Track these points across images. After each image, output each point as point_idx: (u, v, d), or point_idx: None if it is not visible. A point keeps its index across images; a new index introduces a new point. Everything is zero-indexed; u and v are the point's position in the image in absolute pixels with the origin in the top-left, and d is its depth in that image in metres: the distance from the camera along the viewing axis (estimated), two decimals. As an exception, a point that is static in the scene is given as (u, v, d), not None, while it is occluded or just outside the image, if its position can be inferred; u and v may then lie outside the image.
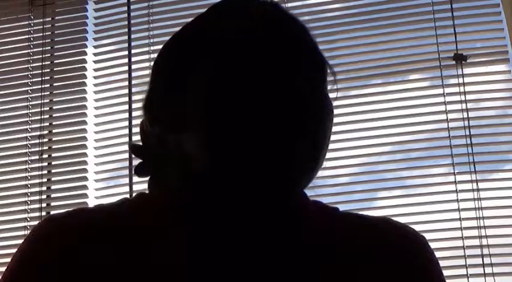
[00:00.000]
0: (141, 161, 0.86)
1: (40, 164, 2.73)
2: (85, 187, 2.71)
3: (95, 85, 2.81)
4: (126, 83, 2.77)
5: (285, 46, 0.76)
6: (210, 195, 0.76)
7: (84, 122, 2.77)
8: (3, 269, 2.70)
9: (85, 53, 2.83)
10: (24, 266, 0.75)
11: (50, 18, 2.90)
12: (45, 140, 2.77)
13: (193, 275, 0.74)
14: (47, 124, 2.80)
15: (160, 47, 0.85)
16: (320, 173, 0.79)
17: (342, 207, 0.87)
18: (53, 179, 2.75)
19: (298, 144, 0.73)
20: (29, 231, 2.67)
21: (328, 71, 0.81)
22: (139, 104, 0.85)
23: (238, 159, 0.73)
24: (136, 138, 2.66)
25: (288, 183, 0.74)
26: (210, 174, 0.75)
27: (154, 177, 0.85)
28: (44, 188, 2.72)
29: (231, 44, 0.76)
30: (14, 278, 0.75)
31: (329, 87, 0.81)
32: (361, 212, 0.87)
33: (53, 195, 2.74)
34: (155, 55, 0.85)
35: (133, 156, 0.85)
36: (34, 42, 2.86)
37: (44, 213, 2.68)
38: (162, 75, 0.82)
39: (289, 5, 2.71)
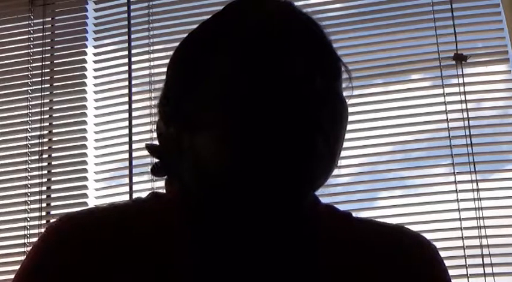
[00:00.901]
0: (157, 161, 0.85)
1: (40, 164, 2.73)
2: (85, 187, 2.71)
3: (95, 85, 2.81)
4: (126, 83, 2.77)
5: (301, 44, 0.76)
6: (226, 196, 0.76)
7: (84, 122, 2.77)
8: (3, 269, 2.69)
9: (85, 53, 2.83)
10: (39, 265, 0.76)
11: (50, 18, 2.90)
12: (45, 140, 2.77)
13: (203, 274, 0.74)
14: (47, 124, 2.80)
15: (160, 47, 0.85)
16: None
17: (343, 207, 0.87)
18: (53, 179, 2.75)
19: (317, 143, 0.73)
20: (28, 232, 2.66)
21: (343, 69, 0.81)
22: (140, 104, 0.85)
23: (258, 159, 0.72)
24: (137, 138, 2.67)
25: (308, 184, 0.74)
26: (228, 174, 0.74)
27: (169, 177, 0.84)
28: (44, 188, 2.72)
29: (248, 43, 0.76)
30: (28, 277, 0.75)
31: (344, 85, 0.81)
32: (361, 212, 0.87)
33: (53, 195, 2.73)
34: (155, 55, 0.85)
35: (133, 156, 0.86)
36: (34, 42, 2.86)
37: (44, 213, 2.68)
38: (178, 75, 0.81)
39: (289, 5, 2.70)
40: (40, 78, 2.81)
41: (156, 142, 0.85)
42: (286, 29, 0.77)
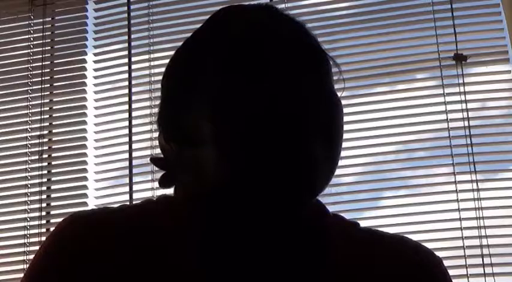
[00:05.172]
0: (164, 172, 0.86)
1: (40, 164, 2.73)
2: (85, 187, 2.71)
3: (95, 85, 2.81)
4: (126, 83, 2.77)
5: (285, 49, 0.76)
6: (230, 204, 0.77)
7: (84, 122, 2.77)
8: (3, 269, 2.69)
9: (85, 53, 2.83)
10: (48, 265, 0.76)
11: (50, 18, 2.90)
12: (45, 140, 2.77)
13: (207, 274, 0.75)
14: (47, 124, 2.80)
15: (160, 47, 0.85)
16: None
17: (345, 207, 0.87)
18: (53, 179, 2.75)
19: (314, 147, 0.73)
20: (28, 232, 2.66)
21: (333, 66, 0.81)
22: (140, 104, 0.86)
23: (260, 168, 0.72)
24: (137, 138, 2.67)
25: (310, 188, 0.74)
26: (230, 184, 0.75)
27: (176, 186, 0.85)
28: (44, 188, 2.72)
29: (236, 58, 0.76)
30: (37, 276, 0.76)
31: (336, 83, 0.82)
32: (365, 212, 0.87)
33: (53, 195, 2.74)
34: (155, 55, 0.85)
35: (133, 156, 0.87)
36: (34, 42, 2.86)
37: (44, 213, 2.68)
38: (172, 94, 0.83)
39: (289, 5, 2.70)
40: (40, 78, 2.81)
41: (159, 152, 0.86)
42: (272, 36, 0.77)
